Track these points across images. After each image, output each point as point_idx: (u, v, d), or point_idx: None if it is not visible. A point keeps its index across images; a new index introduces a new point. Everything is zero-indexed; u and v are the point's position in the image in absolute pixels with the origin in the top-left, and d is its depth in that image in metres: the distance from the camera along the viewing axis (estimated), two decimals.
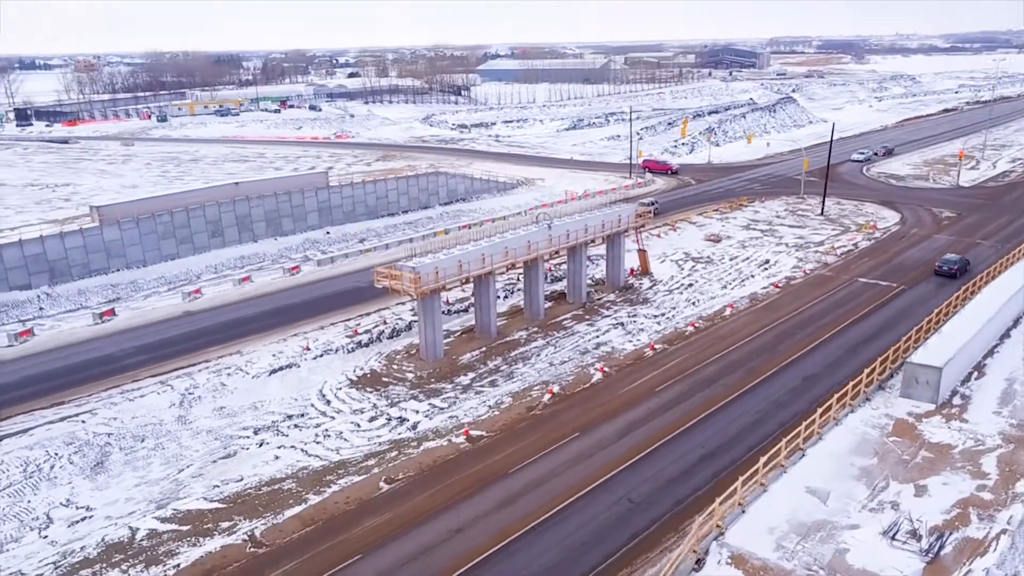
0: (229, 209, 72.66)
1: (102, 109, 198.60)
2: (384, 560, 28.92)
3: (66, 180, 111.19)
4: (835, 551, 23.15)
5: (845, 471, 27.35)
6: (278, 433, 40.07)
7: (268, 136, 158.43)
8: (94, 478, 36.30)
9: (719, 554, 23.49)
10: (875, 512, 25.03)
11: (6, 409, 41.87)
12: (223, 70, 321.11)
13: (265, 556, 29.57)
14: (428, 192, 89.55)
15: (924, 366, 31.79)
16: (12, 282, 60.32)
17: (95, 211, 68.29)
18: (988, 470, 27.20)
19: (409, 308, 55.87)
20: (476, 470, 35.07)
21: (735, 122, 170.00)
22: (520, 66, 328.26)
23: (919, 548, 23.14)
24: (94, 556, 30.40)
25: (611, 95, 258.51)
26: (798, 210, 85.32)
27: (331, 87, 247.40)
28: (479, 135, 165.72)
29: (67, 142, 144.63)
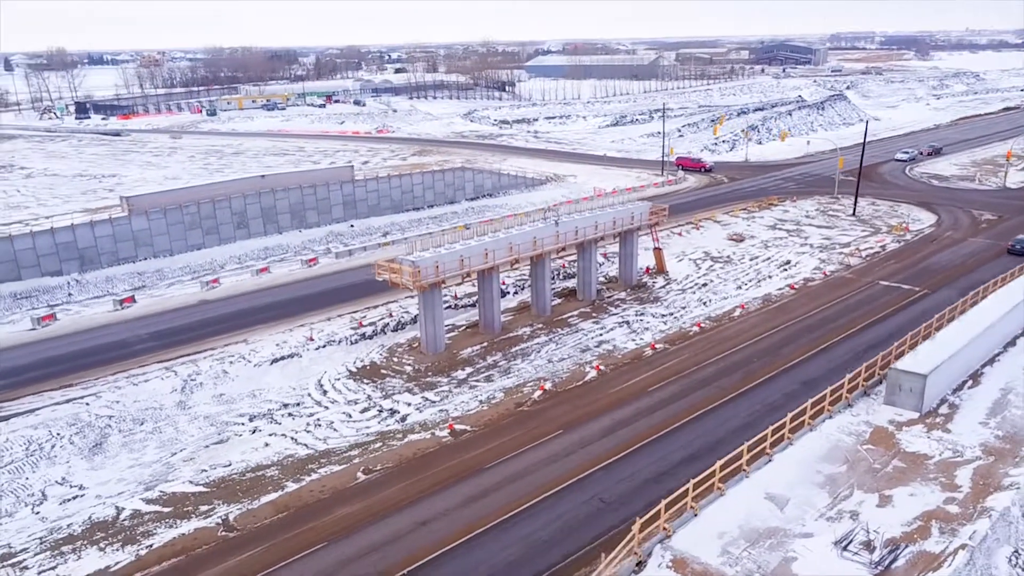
0: (255, 201, 74.28)
1: (156, 103, 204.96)
2: (347, 549, 29.30)
3: (113, 171, 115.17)
4: (782, 559, 22.56)
5: (810, 478, 26.60)
6: (272, 421, 40.88)
7: (311, 130, 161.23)
8: (91, 458, 37.61)
9: (661, 557, 23.15)
10: (832, 521, 24.29)
11: (19, 389, 43.72)
12: (277, 65, 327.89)
13: (235, 540, 30.26)
14: (454, 187, 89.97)
15: (908, 373, 30.64)
16: (44, 268, 62.86)
17: (125, 201, 70.63)
18: (961, 482, 26.12)
19: (416, 301, 56.21)
20: (453, 464, 35.23)
21: (780, 119, 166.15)
22: (568, 62, 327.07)
23: (869, 560, 22.39)
24: (78, 533, 31.51)
25: (658, 92, 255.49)
26: (829, 210, 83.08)
27: (377, 83, 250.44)
28: (518, 131, 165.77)
29: (119, 135, 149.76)
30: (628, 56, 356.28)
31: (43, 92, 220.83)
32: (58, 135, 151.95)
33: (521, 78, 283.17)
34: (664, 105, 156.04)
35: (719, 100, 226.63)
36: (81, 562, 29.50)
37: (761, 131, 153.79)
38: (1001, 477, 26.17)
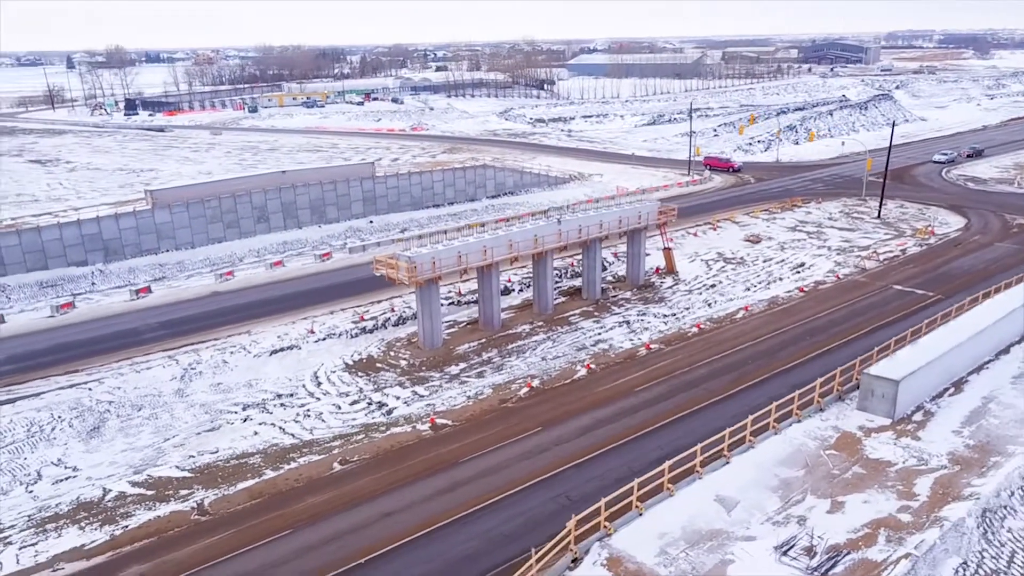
0: (275, 196, 75.86)
1: (200, 100, 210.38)
2: (310, 537, 29.93)
3: (151, 166, 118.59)
4: (719, 561, 22.36)
5: (765, 482, 26.22)
6: (264, 410, 41.84)
7: (348, 127, 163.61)
8: (88, 441, 39.02)
9: (598, 555, 23.14)
10: (778, 526, 23.94)
11: (29, 373, 45.58)
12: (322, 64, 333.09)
13: (206, 523, 31.15)
14: (475, 185, 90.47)
15: (880, 378, 29.89)
16: (70, 258, 65.25)
17: (149, 195, 72.84)
18: (919, 491, 25.43)
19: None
20: (428, 457, 35.64)
21: (820, 119, 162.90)
22: (610, 61, 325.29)
23: (807, 565, 22.02)
24: (63, 512, 32.77)
25: (698, 91, 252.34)
26: (855, 212, 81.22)
27: (416, 81, 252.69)
28: (552, 130, 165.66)
29: (162, 130, 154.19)
30: (671, 55, 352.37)
31: (97, 89, 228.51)
32: (105, 130, 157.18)
33: (561, 77, 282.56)
34: (691, 104, 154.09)
35: (761, 99, 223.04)
36: (60, 540, 30.70)
37: (799, 131, 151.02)
38: (963, 487, 25.44)
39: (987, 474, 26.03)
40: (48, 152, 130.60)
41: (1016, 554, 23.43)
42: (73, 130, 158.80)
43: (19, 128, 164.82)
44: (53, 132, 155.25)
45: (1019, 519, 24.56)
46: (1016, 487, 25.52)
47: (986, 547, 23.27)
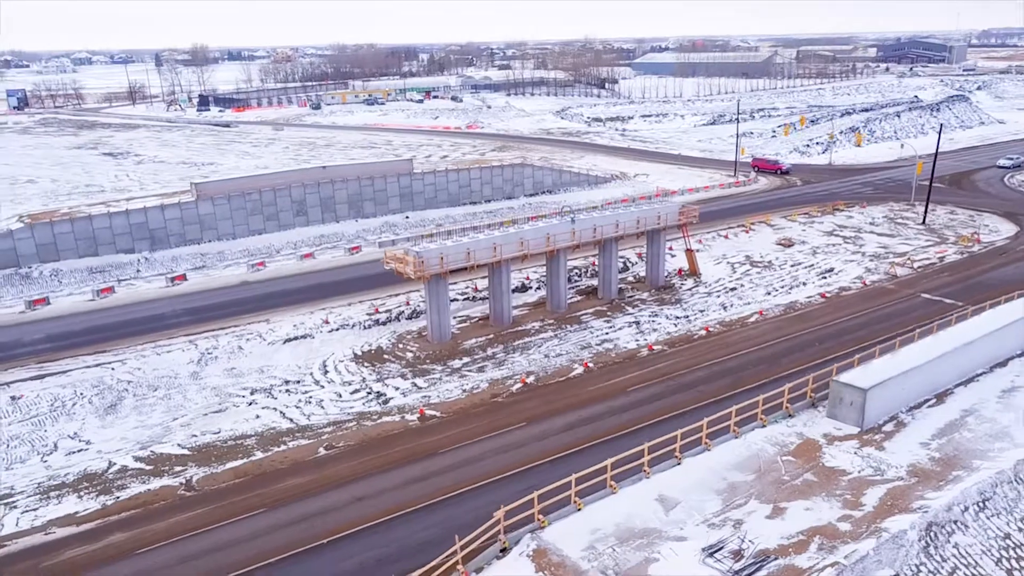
0: (314, 191, 78.40)
1: (268, 97, 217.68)
2: (281, 516, 31.32)
3: (212, 160, 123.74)
4: (643, 559, 22.52)
5: (712, 484, 26.09)
6: (269, 396, 43.67)
7: (405, 125, 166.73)
8: (104, 418, 41.56)
9: (526, 546, 23.60)
10: (713, 528, 23.88)
11: (61, 352, 48.75)
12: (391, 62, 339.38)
13: (190, 499, 32.96)
14: (513, 183, 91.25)
15: (849, 386, 29.19)
16: (119, 246, 69.10)
17: (194, 187, 76.25)
18: (867, 501, 24.85)
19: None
20: (410, 447, 36.66)
21: (887, 121, 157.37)
22: (677, 59, 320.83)
23: (730, 568, 21.94)
24: (69, 482, 35.13)
25: (765, 90, 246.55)
26: (900, 218, 78.48)
27: (477, 79, 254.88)
28: (606, 129, 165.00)
29: (228, 126, 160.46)
30: (740, 53, 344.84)
31: (176, 86, 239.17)
32: (176, 125, 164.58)
33: (625, 75, 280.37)
34: (738, 104, 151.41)
35: (831, 100, 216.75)
36: (59, 506, 32.98)
37: (863, 133, 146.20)
38: (914, 499, 24.78)
39: (944, 488, 25.28)
40: (120, 145, 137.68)
41: (958, 570, 22.78)
42: (147, 125, 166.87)
43: (99, 122, 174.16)
44: (128, 126, 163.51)
45: (969, 535, 23.83)
46: (972, 503, 24.72)
47: (925, 561, 22.71)
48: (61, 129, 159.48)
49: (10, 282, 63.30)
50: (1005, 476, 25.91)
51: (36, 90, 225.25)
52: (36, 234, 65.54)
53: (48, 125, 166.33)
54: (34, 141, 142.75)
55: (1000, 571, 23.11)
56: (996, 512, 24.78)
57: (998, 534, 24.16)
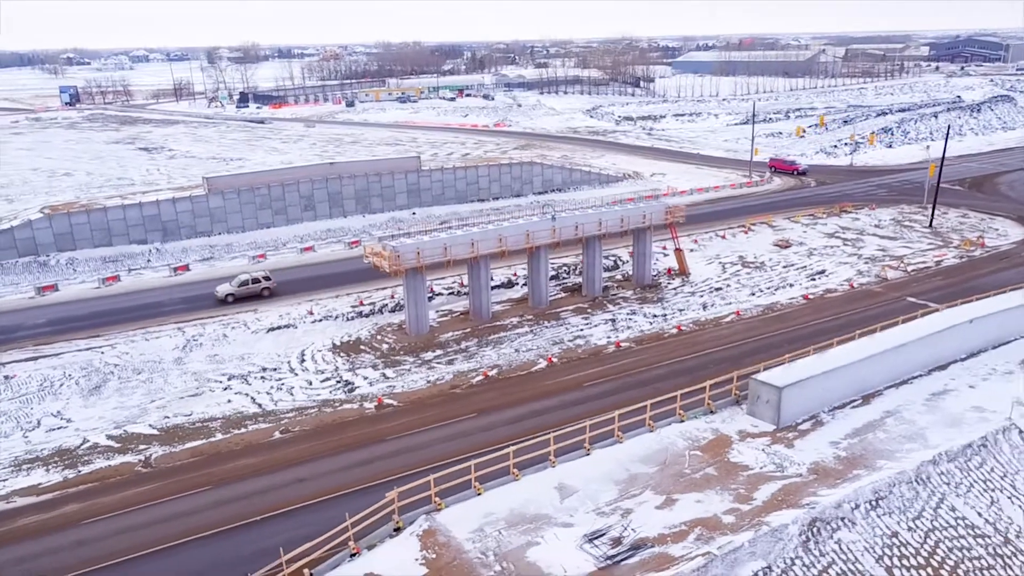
0: (322, 186, 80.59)
1: (306, 95, 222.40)
2: (224, 494, 33.00)
3: (241, 155, 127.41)
4: (525, 543, 23.37)
5: (613, 475, 26.74)
6: (244, 382, 45.55)
7: (435, 123, 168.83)
8: (87, 398, 43.92)
9: (419, 527, 24.68)
10: (602, 516, 24.57)
11: (58, 336, 51.48)
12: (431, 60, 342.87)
13: (144, 475, 34.90)
14: (521, 181, 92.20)
15: (766, 384, 29.44)
16: (132, 237, 72.22)
17: (205, 181, 79.05)
18: (759, 496, 25.17)
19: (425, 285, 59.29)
20: (360, 433, 38.06)
21: (923, 122, 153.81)
22: (717, 58, 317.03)
23: (603, 554, 22.64)
24: (44, 456, 37.41)
25: (805, 89, 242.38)
26: (908, 220, 77.14)
27: (511, 77, 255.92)
28: (632, 128, 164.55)
29: (263, 122, 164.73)
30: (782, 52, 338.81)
31: (220, 83, 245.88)
32: (213, 121, 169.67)
33: (663, 74, 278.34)
34: (754, 104, 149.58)
35: (872, 100, 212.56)
36: (27, 478, 35.22)
37: (895, 134, 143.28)
38: (806, 496, 25.06)
39: (839, 486, 25.50)
40: (156, 140, 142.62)
41: (834, 565, 23.09)
42: (186, 121, 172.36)
43: (142, 118, 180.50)
44: (168, 122, 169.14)
45: (855, 532, 24.08)
46: (864, 501, 24.92)
47: (802, 555, 23.09)
48: (105, 124, 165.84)
49: (28, 269, 66.79)
50: (905, 476, 26.03)
51: (88, 87, 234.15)
52: (54, 224, 68.95)
53: (94, 120, 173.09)
54: (77, 135, 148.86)
55: (879, 568, 23.37)
56: (888, 511, 24.98)
57: (885, 532, 24.38)
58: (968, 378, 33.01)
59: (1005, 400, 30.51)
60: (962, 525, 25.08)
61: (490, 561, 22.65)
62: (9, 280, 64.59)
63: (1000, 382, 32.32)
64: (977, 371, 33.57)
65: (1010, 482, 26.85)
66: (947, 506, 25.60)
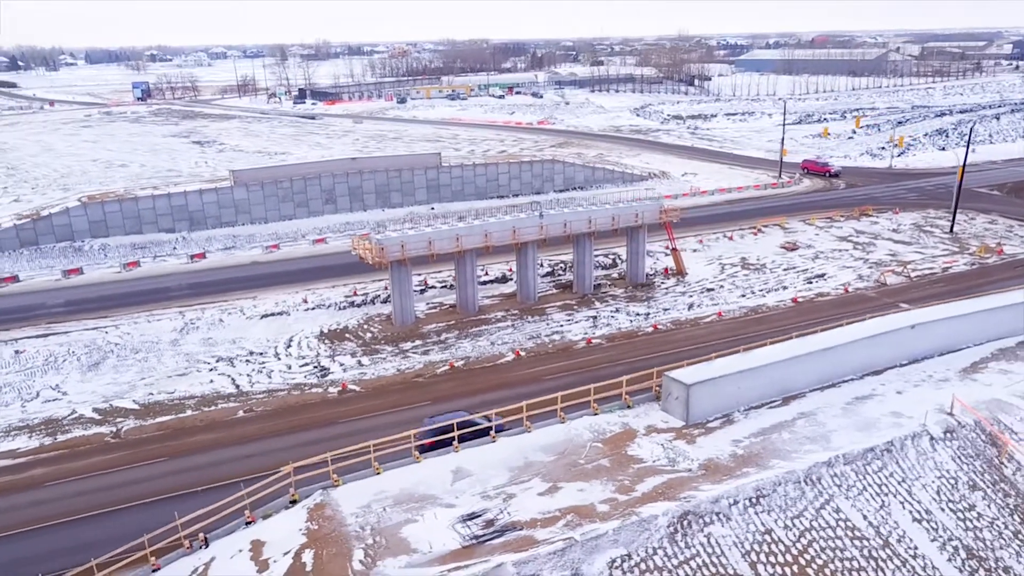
0: (343, 180, 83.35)
1: (360, 92, 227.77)
2: (177, 465, 35.37)
3: (286, 150, 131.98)
4: (403, 520, 24.56)
5: (510, 462, 27.59)
6: (230, 364, 48.15)
7: (480, 120, 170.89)
8: (85, 374, 47.20)
9: (312, 501, 26.17)
10: (486, 499, 25.53)
11: (70, 315, 55.23)
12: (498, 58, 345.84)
13: (111, 445, 37.61)
14: (542, 179, 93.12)
15: (675, 381, 29.69)
16: (160, 225, 76.37)
17: (232, 174, 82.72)
18: (641, 488, 25.59)
19: (419, 278, 61.07)
20: (317, 415, 39.98)
21: (982, 124, 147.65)
22: (781, 56, 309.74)
23: (471, 534, 23.65)
24: (34, 424, 40.61)
25: (868, 89, 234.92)
26: (929, 225, 74.83)
27: (563, 75, 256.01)
28: (676, 127, 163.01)
29: (313, 118, 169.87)
30: (849, 50, 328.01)
31: (282, 80, 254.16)
32: (267, 117, 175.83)
33: (722, 73, 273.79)
34: (785, 104, 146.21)
35: (940, 100, 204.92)
36: (11, 443, 38.37)
37: (951, 136, 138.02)
38: (687, 490, 25.43)
39: (724, 482, 25.78)
40: (210, 135, 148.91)
41: (697, 557, 23.50)
42: (241, 116, 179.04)
43: (202, 113, 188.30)
44: (225, 117, 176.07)
45: (728, 528, 24.40)
46: (744, 497, 25.17)
47: (667, 545, 23.60)
48: (167, 119, 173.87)
49: (64, 254, 71.52)
50: (794, 476, 26.15)
51: (158, 83, 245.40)
52: (89, 212, 73.57)
53: (157, 115, 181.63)
54: (139, 129, 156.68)
55: (744, 563, 23.71)
56: (768, 509, 25.22)
57: (759, 529, 24.65)
58: (900, 384, 32.54)
59: (928, 406, 30.12)
60: (842, 527, 25.13)
61: (365, 535, 24.02)
62: (45, 263, 69.30)
63: (930, 389, 31.79)
64: (912, 377, 33.04)
65: (907, 488, 26.66)
66: (832, 507, 25.66)
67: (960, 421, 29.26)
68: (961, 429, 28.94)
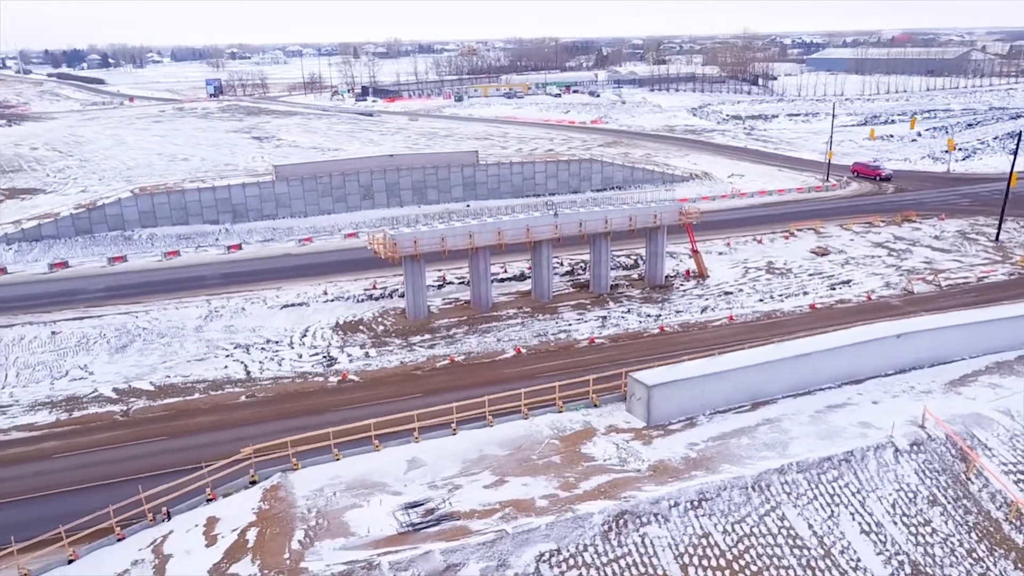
0: (380, 177, 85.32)
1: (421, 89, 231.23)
2: (172, 444, 37.36)
3: (340, 146, 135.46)
4: (350, 505, 25.43)
5: (465, 455, 28.15)
6: (246, 352, 50.26)
7: (534, 118, 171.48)
8: (112, 355, 50.02)
9: (269, 482, 27.37)
10: (433, 489, 26.17)
11: (107, 300, 58.42)
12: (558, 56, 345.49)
13: (119, 423, 39.93)
14: (579, 178, 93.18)
15: (638, 382, 29.62)
16: (205, 217, 79.81)
17: (274, 169, 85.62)
18: (585, 486, 25.65)
19: (439, 273, 62.16)
20: (312, 403, 41.45)
21: None
22: (854, 55, 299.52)
23: (408, 521, 24.33)
24: (57, 400, 43.40)
25: (944, 89, 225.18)
26: (973, 233, 71.76)
27: (623, 74, 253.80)
28: (731, 128, 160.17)
29: (371, 115, 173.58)
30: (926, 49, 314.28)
31: (348, 78, 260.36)
32: (328, 113, 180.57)
33: (790, 72, 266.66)
34: (833, 106, 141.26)
35: (1022, 102, 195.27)
36: (32, 417, 41.14)
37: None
38: (630, 490, 25.45)
39: (669, 484, 25.73)
40: (270, 130, 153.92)
41: (628, 556, 23.59)
42: (303, 113, 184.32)
43: (267, 109, 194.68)
44: (287, 114, 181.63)
45: (665, 529, 24.38)
46: (686, 500, 25.07)
47: (599, 543, 23.78)
48: (233, 115, 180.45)
49: (115, 242, 75.56)
50: (741, 481, 25.91)
51: (230, 80, 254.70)
52: (139, 203, 77.51)
53: (225, 111, 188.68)
54: (205, 124, 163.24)
55: (675, 565, 23.70)
56: (709, 513, 25.10)
57: (697, 532, 24.57)
58: (878, 394, 31.68)
59: (901, 418, 29.33)
60: (784, 534, 24.83)
61: (310, 516, 25.08)
62: (97, 251, 73.36)
63: (908, 400, 30.84)
64: (892, 388, 32.10)
65: (861, 499, 26.10)
66: (777, 515, 25.37)
67: (931, 434, 28.42)
68: (930, 442, 28.12)
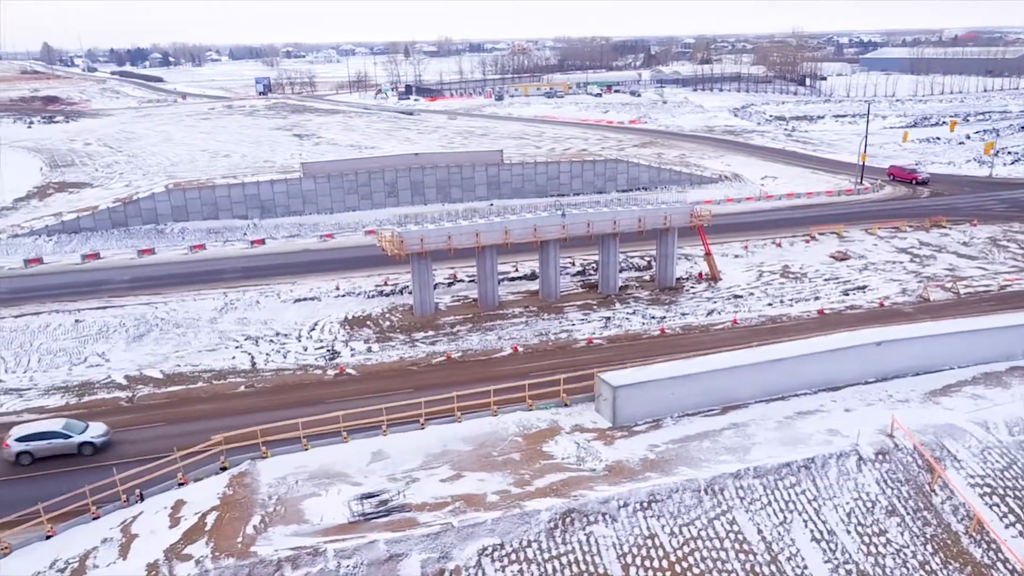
0: (405, 175, 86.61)
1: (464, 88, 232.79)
2: (167, 431, 38.76)
3: (376, 144, 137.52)
4: (309, 494, 26.20)
5: (429, 449, 28.65)
6: (255, 343, 51.85)
7: (573, 118, 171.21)
8: (129, 344, 52.11)
9: (238, 469, 28.39)
10: (392, 481, 26.74)
11: (130, 291, 60.70)
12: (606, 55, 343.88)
13: (123, 408, 41.70)
14: (605, 178, 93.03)
15: (604, 383, 29.72)
16: (235, 212, 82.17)
17: (302, 166, 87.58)
18: (538, 484, 25.73)
19: (451, 271, 62.96)
20: (308, 395, 42.55)
21: None
22: (911, 54, 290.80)
23: (360, 511, 24.98)
24: (72, 385, 45.52)
25: (1002, 90, 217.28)
26: (1005, 240, 69.44)
27: (666, 74, 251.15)
28: (771, 129, 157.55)
29: (411, 114, 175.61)
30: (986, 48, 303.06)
31: (394, 76, 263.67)
32: (369, 112, 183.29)
33: (841, 72, 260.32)
34: (869, 107, 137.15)
35: None
36: (46, 400, 43.26)
37: None
38: (581, 488, 25.61)
39: (622, 484, 25.81)
40: (311, 128, 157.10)
41: (570, 553, 23.80)
42: (345, 111, 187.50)
43: (311, 108, 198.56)
44: (329, 112, 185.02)
45: (612, 528, 24.51)
46: (635, 501, 25.14)
47: (543, 540, 24.06)
48: (278, 113, 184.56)
49: (148, 235, 78.37)
50: (694, 484, 25.88)
51: (279, 78, 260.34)
52: (172, 198, 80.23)
53: (271, 109, 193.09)
54: (250, 122, 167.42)
55: (616, 564, 23.88)
56: (658, 514, 25.17)
57: (643, 533, 24.67)
58: (853, 402, 31.19)
59: (870, 427, 28.91)
60: (732, 539, 24.78)
61: (269, 503, 26.01)
62: (130, 243, 76.20)
63: (883, 409, 30.27)
64: (869, 396, 31.55)
65: (817, 506, 25.85)
66: (727, 519, 25.32)
67: (898, 444, 27.97)
68: (896, 452, 27.68)
